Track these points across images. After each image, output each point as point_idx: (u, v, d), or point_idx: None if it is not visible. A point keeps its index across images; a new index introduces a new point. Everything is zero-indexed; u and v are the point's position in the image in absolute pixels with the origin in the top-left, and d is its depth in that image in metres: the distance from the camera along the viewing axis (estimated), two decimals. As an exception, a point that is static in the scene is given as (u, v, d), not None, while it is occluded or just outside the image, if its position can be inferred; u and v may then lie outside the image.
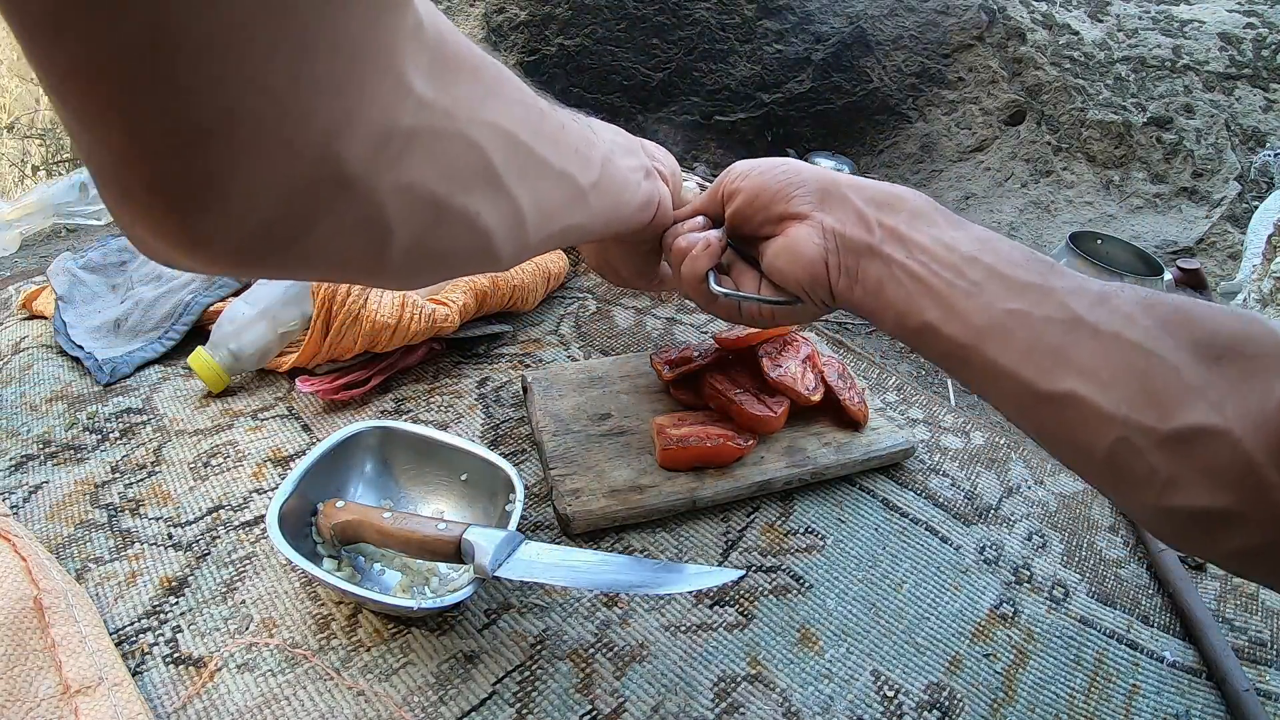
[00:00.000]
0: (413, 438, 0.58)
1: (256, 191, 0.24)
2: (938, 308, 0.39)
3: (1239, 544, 0.32)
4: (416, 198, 0.31)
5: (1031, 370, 0.36)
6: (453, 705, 0.46)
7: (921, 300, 0.40)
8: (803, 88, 1.84)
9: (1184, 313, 0.34)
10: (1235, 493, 0.31)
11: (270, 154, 0.24)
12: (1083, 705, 0.52)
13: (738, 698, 0.48)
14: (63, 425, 0.65)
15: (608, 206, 0.46)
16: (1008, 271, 0.38)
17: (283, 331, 0.72)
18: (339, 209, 0.28)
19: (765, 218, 0.49)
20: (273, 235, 0.26)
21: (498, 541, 0.47)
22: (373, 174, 0.28)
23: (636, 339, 0.82)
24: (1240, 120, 1.33)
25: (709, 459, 0.60)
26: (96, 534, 0.55)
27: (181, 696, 0.45)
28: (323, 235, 0.28)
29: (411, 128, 0.29)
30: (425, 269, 0.36)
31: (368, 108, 0.26)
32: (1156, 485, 0.33)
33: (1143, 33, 1.46)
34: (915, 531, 0.62)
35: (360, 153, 0.27)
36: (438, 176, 0.31)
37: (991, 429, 0.75)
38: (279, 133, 0.23)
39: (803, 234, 0.46)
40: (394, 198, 0.29)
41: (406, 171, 0.29)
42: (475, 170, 0.34)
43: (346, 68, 0.25)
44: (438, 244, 0.34)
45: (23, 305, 0.82)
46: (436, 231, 0.33)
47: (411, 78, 0.28)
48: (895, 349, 0.91)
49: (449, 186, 0.32)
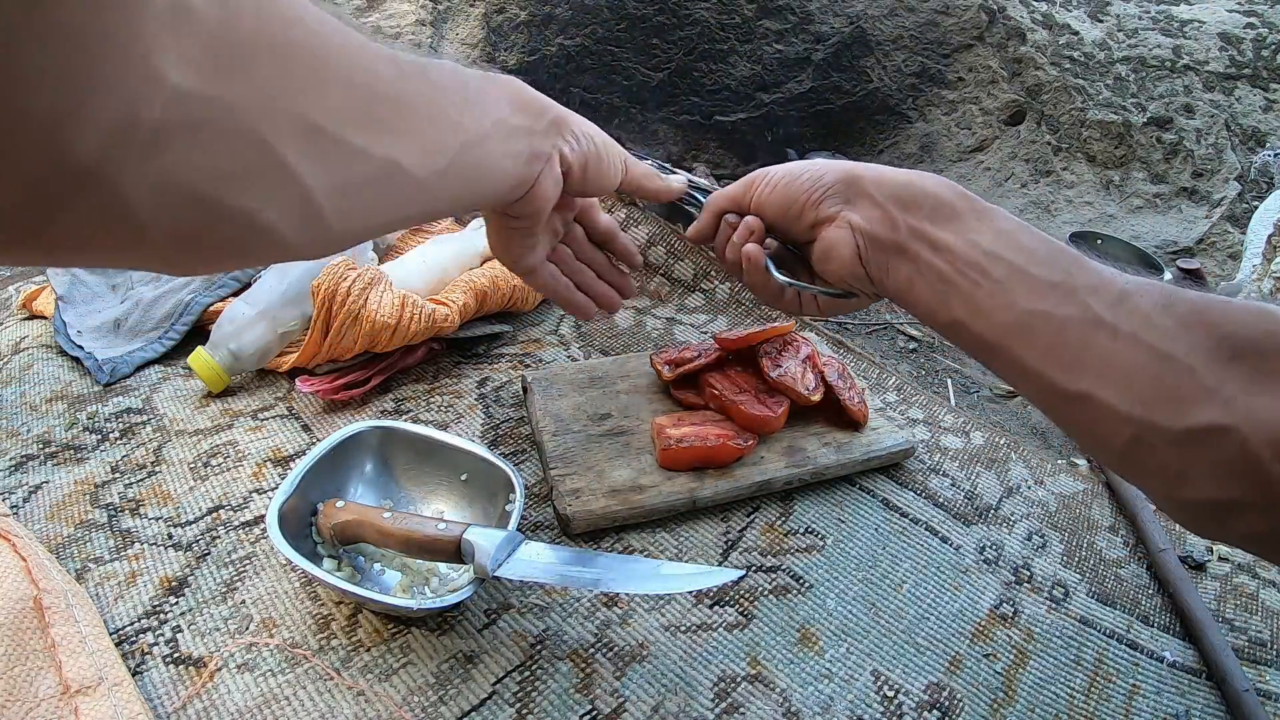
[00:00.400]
0: (413, 438, 0.58)
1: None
2: (964, 307, 0.40)
3: (1248, 529, 0.34)
4: (176, 195, 0.29)
5: (1053, 369, 0.37)
6: (453, 705, 0.46)
7: (949, 299, 0.41)
8: (803, 88, 1.84)
9: (1203, 312, 0.35)
10: (1242, 485, 0.32)
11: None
12: (1083, 705, 0.52)
13: (738, 698, 0.48)
14: (63, 425, 0.65)
15: (457, 192, 0.43)
16: (1031, 270, 0.39)
17: (283, 331, 0.72)
18: (78, 202, 0.27)
19: (799, 227, 0.50)
20: (15, 224, 0.26)
21: (498, 541, 0.47)
22: (112, 168, 0.27)
23: (636, 339, 0.82)
24: (1240, 120, 1.33)
25: (709, 459, 0.60)
26: (96, 534, 0.55)
27: (181, 696, 0.45)
28: (68, 226, 0.27)
29: (163, 121, 0.28)
30: (203, 260, 0.35)
31: (102, 98, 0.25)
32: (1169, 478, 0.35)
33: (1143, 33, 1.46)
34: (915, 531, 0.62)
35: (94, 145, 0.26)
36: (204, 175, 0.30)
37: (991, 429, 0.75)
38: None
39: (835, 237, 0.47)
40: (144, 193, 0.28)
41: (160, 167, 0.28)
42: (257, 167, 0.32)
43: (68, 56, 0.24)
44: (210, 238, 0.32)
45: (23, 305, 0.82)
46: (207, 227, 0.32)
47: (165, 68, 0.27)
48: (895, 349, 0.91)
49: (218, 185, 0.31)
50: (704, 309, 0.88)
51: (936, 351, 0.92)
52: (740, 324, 0.85)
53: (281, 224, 0.34)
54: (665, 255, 0.93)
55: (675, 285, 0.91)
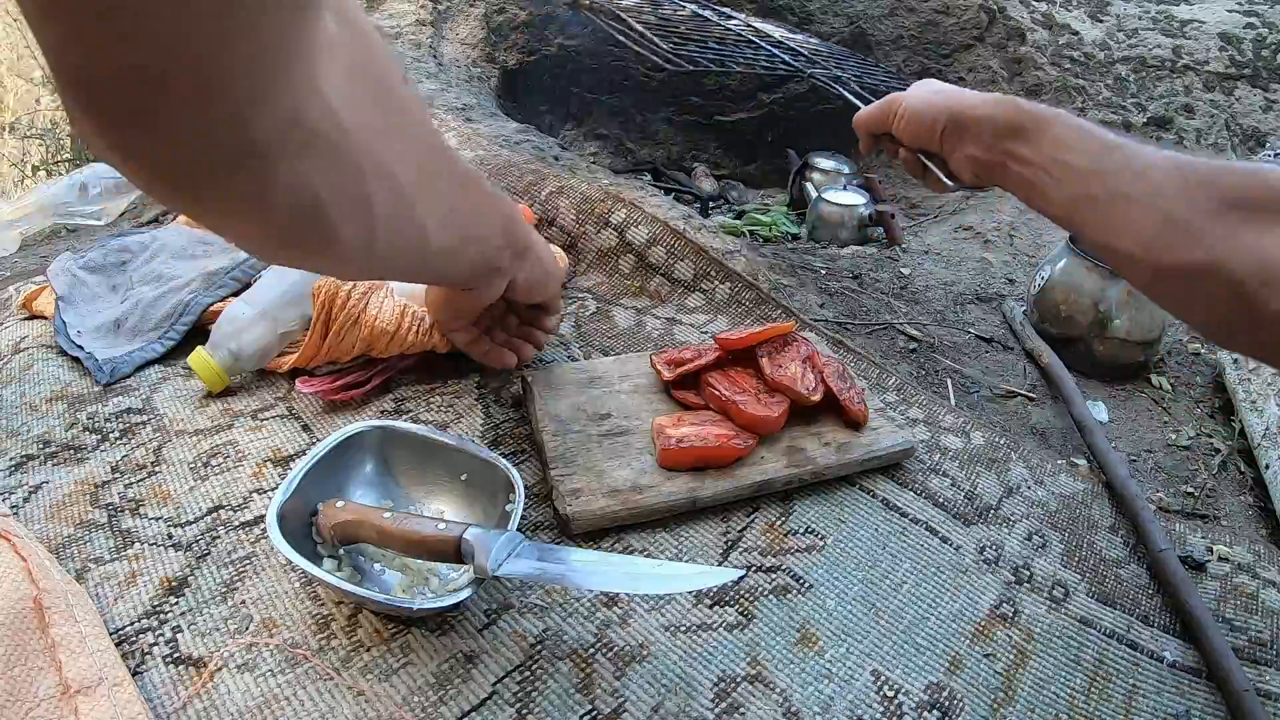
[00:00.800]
0: (413, 438, 0.58)
1: (180, 133, 0.31)
2: (1041, 198, 0.55)
3: (1246, 344, 0.48)
4: (304, 193, 0.36)
5: (1097, 232, 0.51)
6: (453, 705, 0.46)
7: (1032, 194, 0.56)
8: (803, 88, 1.83)
9: (1207, 177, 0.45)
10: (1230, 309, 0.43)
11: (193, 105, 0.30)
12: (1083, 705, 0.52)
13: (738, 698, 0.48)
14: (63, 425, 0.65)
15: (444, 269, 0.57)
16: (1076, 164, 0.52)
17: (283, 332, 0.72)
18: (240, 173, 0.33)
19: (932, 148, 0.65)
20: (191, 175, 0.33)
21: (498, 542, 0.47)
22: (274, 153, 0.34)
23: (636, 339, 0.82)
24: (1240, 120, 1.33)
25: (709, 459, 0.60)
26: (96, 534, 0.55)
27: (181, 697, 0.45)
28: (225, 188, 0.34)
29: (315, 128, 0.35)
30: (286, 252, 0.43)
31: (280, 93, 0.32)
32: (1181, 307, 0.48)
33: (1143, 33, 1.46)
34: (915, 531, 0.62)
35: (268, 130, 0.33)
36: (322, 183, 0.37)
37: (991, 429, 0.74)
38: (203, 88, 0.29)
39: (956, 160, 0.62)
40: (286, 182, 0.35)
41: (301, 168, 0.35)
42: (352, 192, 0.40)
43: (264, 59, 0.30)
44: (302, 236, 0.40)
45: (23, 305, 0.82)
46: (306, 226, 0.38)
47: (321, 82, 0.34)
48: (895, 349, 0.91)
49: (328, 195, 0.38)
50: (704, 309, 0.88)
51: (936, 351, 0.92)
52: (740, 324, 0.85)
53: (350, 243, 0.41)
54: (665, 255, 0.93)
55: (675, 285, 0.91)
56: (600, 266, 0.95)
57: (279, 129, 0.33)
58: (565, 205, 0.97)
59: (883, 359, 0.86)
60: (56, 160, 2.91)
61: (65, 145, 2.96)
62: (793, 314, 0.86)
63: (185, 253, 0.87)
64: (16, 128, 3.27)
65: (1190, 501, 0.78)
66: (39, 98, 3.44)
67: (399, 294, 0.71)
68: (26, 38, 3.21)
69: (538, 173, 1.02)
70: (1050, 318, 0.97)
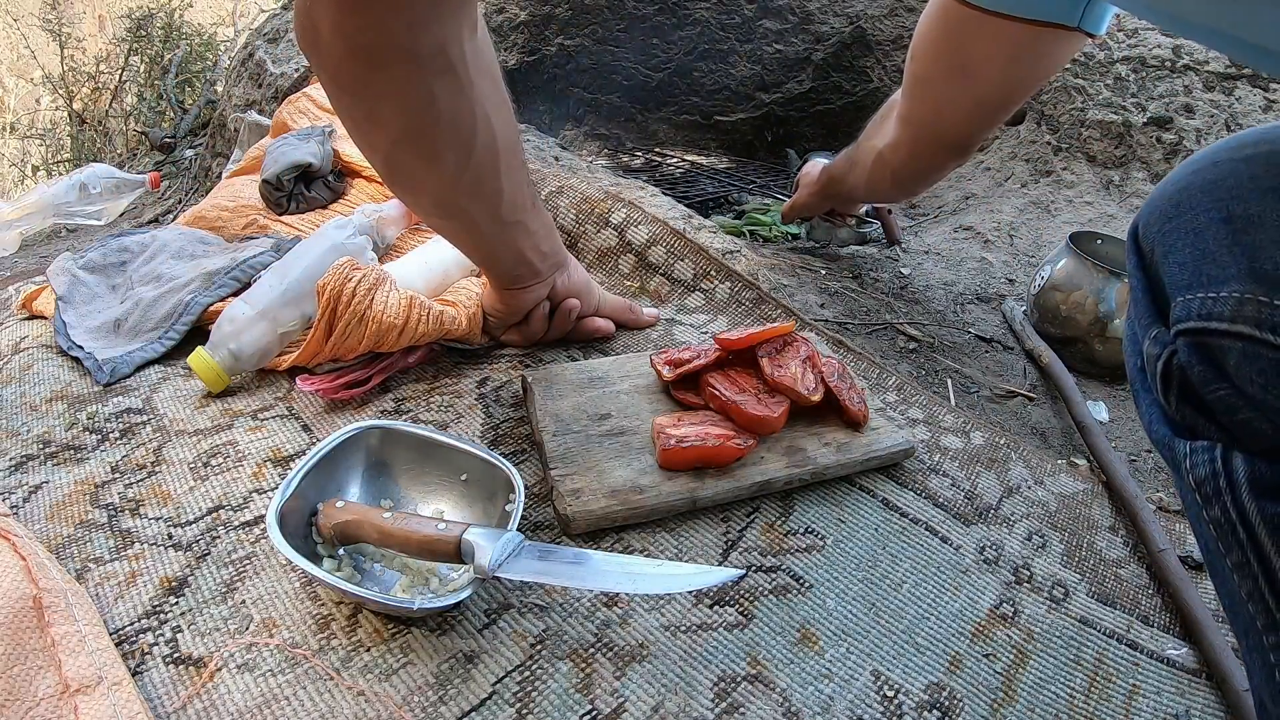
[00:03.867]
0: (413, 438, 0.58)
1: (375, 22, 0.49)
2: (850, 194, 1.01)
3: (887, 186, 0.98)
4: (430, 104, 0.54)
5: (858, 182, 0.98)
6: (453, 705, 0.46)
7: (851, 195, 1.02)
8: (803, 88, 1.83)
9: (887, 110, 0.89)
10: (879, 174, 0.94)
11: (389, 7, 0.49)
12: (1083, 705, 0.52)
13: (738, 698, 0.48)
14: (63, 425, 0.65)
15: (489, 244, 0.69)
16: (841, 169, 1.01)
17: (283, 332, 0.72)
18: (397, 69, 0.52)
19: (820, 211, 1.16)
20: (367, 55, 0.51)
21: (498, 542, 0.47)
22: (423, 63, 0.52)
23: (636, 339, 0.82)
24: (1240, 120, 1.33)
25: (709, 459, 0.60)
26: (96, 534, 0.55)
27: (181, 696, 0.45)
28: (382, 75, 0.52)
29: (453, 62, 0.53)
30: (396, 160, 0.59)
31: (439, 25, 0.52)
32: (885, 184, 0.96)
33: (1143, 33, 1.46)
34: (915, 531, 0.62)
35: (425, 43, 0.51)
36: (447, 106, 0.55)
37: (991, 429, 0.74)
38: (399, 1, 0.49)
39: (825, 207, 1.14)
40: (422, 89, 0.53)
41: (436, 85, 0.53)
42: (464, 128, 0.57)
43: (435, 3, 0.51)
44: (413, 145, 0.57)
45: (23, 305, 0.82)
46: (420, 137, 0.56)
47: (465, 37, 0.54)
48: (895, 349, 0.91)
49: (447, 117, 0.55)
50: (704, 309, 0.88)
51: (936, 351, 0.92)
52: (740, 324, 0.85)
53: (446, 168, 0.58)
54: (665, 255, 0.93)
55: (675, 285, 0.91)
56: (600, 266, 0.95)
57: (431, 48, 0.51)
58: (565, 205, 0.97)
59: (883, 359, 0.86)
60: (56, 160, 2.91)
61: (65, 145, 2.96)
62: (793, 314, 0.86)
63: (185, 253, 0.87)
64: (17, 128, 3.26)
65: (1190, 501, 0.78)
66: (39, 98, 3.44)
67: (400, 285, 0.71)
68: (27, 38, 3.20)
69: (537, 173, 1.02)
70: (1050, 318, 0.97)
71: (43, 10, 3.17)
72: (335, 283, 0.66)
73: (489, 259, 0.72)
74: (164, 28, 2.82)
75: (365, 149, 0.61)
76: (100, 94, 2.92)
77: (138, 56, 2.82)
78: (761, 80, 1.84)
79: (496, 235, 0.67)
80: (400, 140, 0.56)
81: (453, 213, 0.66)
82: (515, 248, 0.69)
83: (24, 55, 3.34)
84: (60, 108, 3.01)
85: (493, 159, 0.60)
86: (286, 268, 0.75)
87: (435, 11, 0.51)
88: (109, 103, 2.83)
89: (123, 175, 1.65)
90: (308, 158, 0.97)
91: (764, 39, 1.82)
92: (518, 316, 0.76)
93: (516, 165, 0.64)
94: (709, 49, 1.82)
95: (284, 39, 1.59)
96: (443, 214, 0.67)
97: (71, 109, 2.90)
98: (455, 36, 0.53)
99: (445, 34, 0.52)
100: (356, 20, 0.49)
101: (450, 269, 0.82)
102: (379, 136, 0.57)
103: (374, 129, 0.56)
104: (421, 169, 0.59)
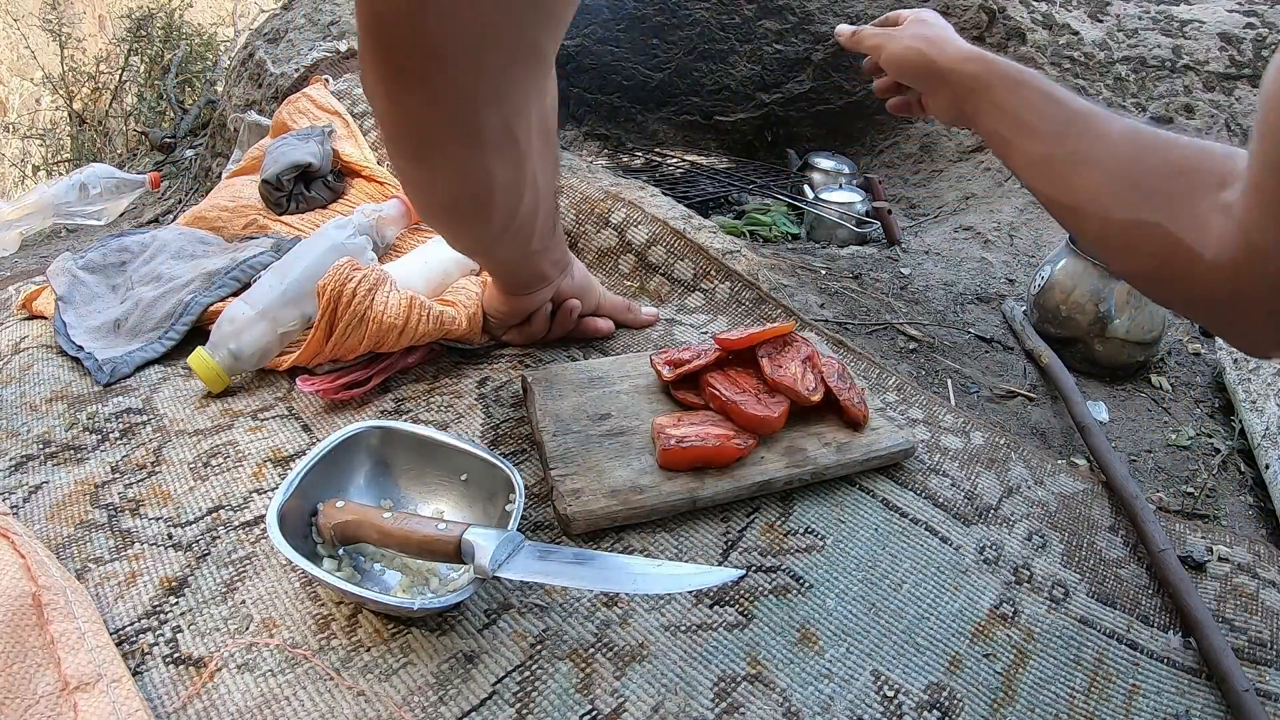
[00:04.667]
0: (413, 438, 0.58)
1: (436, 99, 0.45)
2: (1005, 155, 0.59)
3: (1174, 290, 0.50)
4: (486, 179, 0.51)
5: (1049, 186, 0.55)
6: (453, 705, 0.46)
7: (999, 150, 0.60)
8: (803, 88, 1.83)
9: (1159, 145, 0.50)
10: (1164, 261, 0.48)
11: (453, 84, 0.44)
12: (1083, 705, 0.52)
13: (738, 698, 0.48)
14: (63, 425, 0.65)
15: (513, 267, 0.70)
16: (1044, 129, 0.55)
17: (283, 332, 0.72)
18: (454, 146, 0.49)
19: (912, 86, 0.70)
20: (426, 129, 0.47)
21: (498, 541, 0.47)
22: (486, 142, 0.49)
23: (636, 339, 0.82)
24: (1240, 120, 1.33)
25: (709, 459, 0.60)
26: (96, 534, 0.55)
27: (181, 696, 0.45)
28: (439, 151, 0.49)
29: (516, 138, 0.50)
30: (443, 217, 0.60)
31: (505, 103, 0.47)
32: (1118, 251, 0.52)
33: (1143, 33, 1.46)
34: (915, 531, 0.62)
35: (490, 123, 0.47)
36: (502, 180, 0.52)
37: (991, 429, 0.74)
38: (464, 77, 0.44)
39: (932, 104, 0.67)
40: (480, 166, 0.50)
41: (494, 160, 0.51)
42: (513, 195, 0.55)
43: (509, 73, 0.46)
44: (463, 209, 0.56)
45: (23, 305, 0.82)
46: (472, 205, 0.54)
47: (533, 110, 0.51)
48: (895, 349, 0.91)
49: (501, 189, 0.53)
50: (704, 309, 0.88)
51: (936, 351, 0.92)
52: (740, 324, 0.85)
53: (492, 227, 0.58)
54: (665, 255, 0.93)
55: (675, 285, 0.91)
56: (600, 266, 0.95)
57: (495, 127, 0.47)
58: (565, 205, 0.97)
59: (883, 359, 0.86)
60: (56, 160, 2.91)
61: (65, 145, 2.97)
62: (793, 314, 0.86)
63: (185, 253, 0.87)
64: (17, 128, 3.27)
65: (1190, 501, 0.78)
66: (39, 98, 3.44)
67: (399, 285, 0.71)
68: (27, 38, 3.20)
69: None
70: (1050, 318, 0.97)
71: (43, 10, 3.17)
72: (335, 283, 0.66)
73: (507, 276, 0.73)
74: (164, 28, 2.82)
75: (414, 202, 0.63)
76: (100, 94, 2.92)
77: (138, 56, 2.82)
78: (761, 80, 1.84)
79: (520, 262, 0.69)
80: (449, 208, 0.57)
81: (483, 251, 0.69)
82: (534, 266, 0.71)
83: (24, 55, 3.34)
84: (60, 108, 3.01)
85: (533, 212, 0.60)
86: (286, 268, 0.75)
87: (510, 88, 0.46)
88: (109, 103, 2.83)
89: (123, 175, 1.66)
90: (307, 158, 0.97)
91: (764, 39, 1.82)
92: (520, 318, 0.77)
93: (551, 207, 0.65)
94: (709, 49, 1.82)
95: (284, 39, 1.59)
96: (473, 252, 0.71)
97: (71, 109, 2.90)
98: (524, 110, 0.49)
99: (514, 109, 0.47)
100: (414, 97, 0.45)
101: (450, 269, 0.82)
102: (428, 200, 0.57)
103: (423, 193, 0.56)
104: (466, 228, 0.61)
